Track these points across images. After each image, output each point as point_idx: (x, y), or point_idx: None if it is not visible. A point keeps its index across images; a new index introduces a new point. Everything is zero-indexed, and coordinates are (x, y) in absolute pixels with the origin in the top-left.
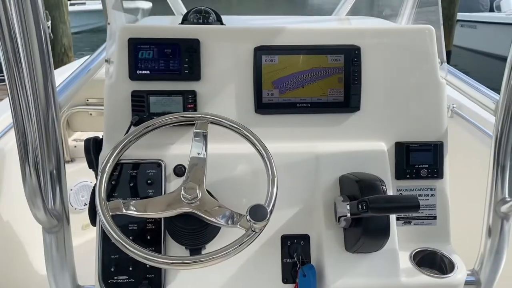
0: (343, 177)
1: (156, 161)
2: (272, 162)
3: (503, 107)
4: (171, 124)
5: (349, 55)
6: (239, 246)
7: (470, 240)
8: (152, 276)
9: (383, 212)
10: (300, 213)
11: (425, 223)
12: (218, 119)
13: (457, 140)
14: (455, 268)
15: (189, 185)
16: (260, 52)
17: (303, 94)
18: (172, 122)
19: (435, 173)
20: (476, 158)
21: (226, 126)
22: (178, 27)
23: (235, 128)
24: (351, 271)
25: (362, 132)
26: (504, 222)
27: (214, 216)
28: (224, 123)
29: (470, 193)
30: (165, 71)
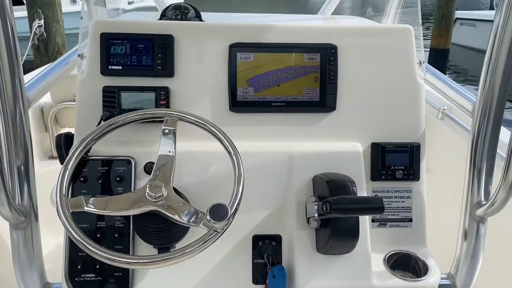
0: (316, 177)
1: (127, 158)
2: (239, 160)
3: (480, 109)
4: (134, 122)
5: (326, 54)
6: (199, 246)
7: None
8: (120, 275)
9: (347, 213)
10: (272, 213)
11: (400, 226)
12: (184, 115)
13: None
14: (429, 271)
15: (155, 183)
16: (235, 49)
17: (278, 92)
18: (135, 119)
19: (411, 175)
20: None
21: (192, 123)
22: (151, 23)
23: (201, 124)
24: (322, 273)
25: (337, 132)
26: (480, 225)
27: (178, 214)
28: (190, 119)
29: (460, 196)
30: (137, 67)
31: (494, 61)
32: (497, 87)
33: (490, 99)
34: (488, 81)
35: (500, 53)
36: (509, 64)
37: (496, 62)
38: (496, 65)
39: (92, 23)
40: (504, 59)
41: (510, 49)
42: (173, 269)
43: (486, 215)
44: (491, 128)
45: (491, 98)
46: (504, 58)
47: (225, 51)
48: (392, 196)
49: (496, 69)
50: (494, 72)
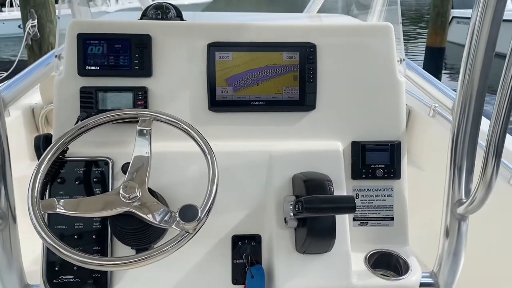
0: (295, 176)
1: (104, 159)
2: (214, 160)
3: (459, 107)
4: (105, 123)
5: (304, 52)
6: (170, 248)
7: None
8: (98, 276)
9: (318, 213)
10: (252, 213)
11: (382, 224)
12: (157, 115)
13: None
14: (410, 270)
15: (129, 184)
16: (213, 49)
17: (257, 91)
18: (105, 121)
19: (392, 173)
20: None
21: (165, 122)
22: (128, 22)
23: (175, 123)
24: (301, 272)
25: (317, 131)
26: (461, 223)
27: (152, 215)
28: (163, 119)
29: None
30: (114, 67)
31: (472, 58)
32: (476, 85)
33: (469, 97)
34: (466, 79)
35: (478, 50)
36: (487, 62)
37: (474, 60)
38: (474, 63)
39: (69, 24)
40: (482, 57)
41: (488, 47)
42: (152, 270)
43: (467, 213)
44: (470, 125)
45: (470, 96)
46: (481, 56)
47: (203, 50)
48: (373, 194)
49: (474, 67)
50: (473, 70)
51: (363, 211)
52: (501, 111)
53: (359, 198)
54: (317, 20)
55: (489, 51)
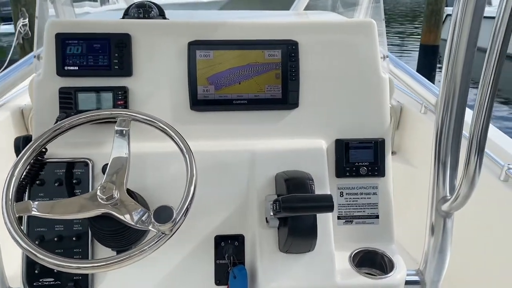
0: (277, 175)
1: (84, 160)
2: (192, 159)
3: (442, 103)
4: (80, 125)
5: (286, 50)
6: (145, 250)
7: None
8: (79, 278)
9: (296, 212)
10: (235, 213)
11: (367, 222)
12: (134, 114)
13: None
14: (395, 268)
15: (107, 185)
16: (194, 47)
17: (239, 90)
18: (80, 123)
19: (376, 171)
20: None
21: (141, 121)
22: (107, 22)
23: (151, 122)
24: (284, 272)
25: (301, 129)
26: (447, 220)
27: (130, 216)
28: (139, 118)
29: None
30: (94, 67)
31: (454, 54)
32: (459, 80)
33: (452, 93)
34: (449, 74)
35: (460, 46)
36: (469, 57)
37: (456, 56)
38: (456, 59)
39: (47, 24)
40: (464, 52)
41: (469, 42)
42: (135, 271)
43: (452, 210)
44: (454, 121)
45: (453, 92)
46: (463, 52)
47: (184, 49)
48: (357, 192)
49: (457, 62)
50: (455, 66)
51: (347, 209)
52: (482, 106)
53: (343, 197)
54: (302, 17)
55: (471, 47)
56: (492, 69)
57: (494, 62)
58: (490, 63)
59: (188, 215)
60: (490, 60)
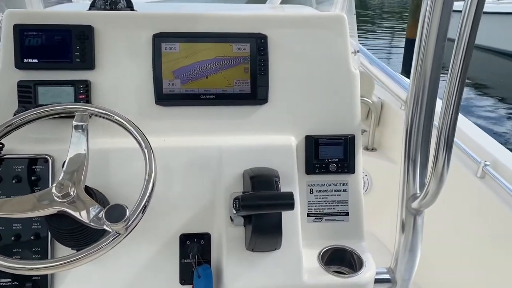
0: (245, 172)
1: (44, 156)
2: (151, 155)
3: (412, 99)
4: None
5: (255, 43)
6: (100, 249)
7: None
8: (38, 278)
9: (255, 210)
10: (201, 211)
11: (337, 220)
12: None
13: None
14: (364, 266)
15: (64, 183)
16: (159, 39)
17: (207, 85)
18: (30, 119)
19: (346, 168)
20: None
21: (96, 115)
22: (68, 13)
23: (108, 116)
24: (250, 271)
25: (270, 125)
26: (417, 218)
27: (86, 215)
28: (95, 112)
29: None
30: (54, 60)
31: (424, 49)
32: (428, 76)
33: (421, 88)
34: (419, 70)
35: (429, 41)
36: (439, 52)
37: (425, 51)
38: (426, 54)
39: (5, 14)
40: (433, 47)
41: (439, 37)
42: (97, 270)
43: (421, 207)
44: (424, 118)
45: (422, 87)
46: (433, 46)
47: (149, 41)
48: (327, 189)
49: (426, 57)
50: (424, 61)
51: (317, 206)
52: (450, 102)
53: (313, 193)
54: (275, 11)
55: (440, 42)
56: (459, 67)
57: (462, 56)
58: (457, 57)
59: (153, 213)
60: (457, 55)
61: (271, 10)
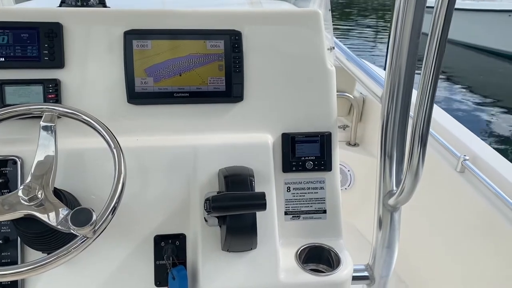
0: (220, 171)
1: (12, 158)
2: (120, 155)
3: (387, 95)
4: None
5: (229, 40)
6: (65, 254)
7: None
8: (8, 283)
9: (227, 211)
10: (176, 211)
11: (314, 217)
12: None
13: None
14: (341, 264)
15: (31, 185)
16: (130, 37)
17: (180, 82)
18: None
19: (323, 165)
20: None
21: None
22: (35, 10)
23: (74, 115)
24: (226, 272)
25: (246, 123)
26: (394, 214)
27: (55, 218)
28: (61, 111)
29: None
30: (22, 58)
31: (398, 45)
32: (403, 72)
33: (396, 84)
34: (393, 66)
35: (403, 37)
36: (413, 48)
37: (400, 47)
38: (400, 50)
39: None
40: (408, 43)
41: (413, 33)
42: (69, 273)
43: (398, 204)
44: (399, 114)
45: (397, 83)
46: (407, 42)
47: (120, 39)
48: (304, 187)
49: (401, 53)
50: (399, 57)
51: (295, 204)
52: (424, 98)
53: (290, 192)
54: (255, 6)
55: (414, 38)
56: (433, 59)
57: (435, 52)
58: (430, 53)
59: (126, 214)
60: (430, 50)
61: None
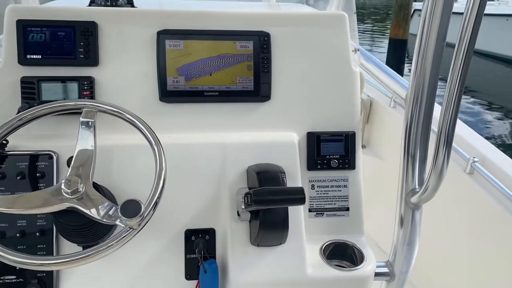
0: (249, 168)
1: (48, 153)
2: (161, 152)
3: (412, 96)
4: (44, 116)
5: (258, 41)
6: (112, 245)
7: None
8: (43, 275)
9: (267, 205)
10: (206, 207)
11: (338, 215)
12: (99, 105)
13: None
14: (364, 260)
15: (72, 179)
16: (163, 36)
17: (210, 82)
18: (43, 113)
19: (347, 164)
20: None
21: (107, 112)
22: (72, 9)
23: (118, 113)
24: (255, 266)
25: (273, 122)
26: (415, 212)
27: (96, 211)
28: (105, 109)
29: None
30: (58, 56)
31: (424, 48)
32: (428, 74)
33: (421, 86)
34: (419, 68)
35: (429, 40)
36: (438, 51)
37: (426, 50)
38: (426, 53)
39: (7, 10)
40: (433, 47)
41: (439, 36)
42: (101, 266)
43: (420, 202)
44: (423, 115)
45: (422, 85)
46: (433, 46)
47: (153, 38)
48: (328, 185)
49: (426, 56)
50: (424, 60)
51: (318, 202)
52: (451, 99)
53: (314, 189)
54: (274, 9)
55: (440, 41)
56: (460, 64)
57: (462, 56)
58: (458, 58)
59: (158, 209)
60: (459, 55)
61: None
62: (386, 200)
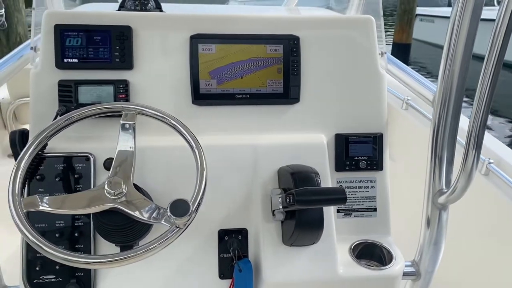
0: (281, 169)
1: (85, 155)
2: (202, 154)
3: (440, 99)
4: (91, 116)
5: (288, 45)
6: (161, 244)
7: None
8: (81, 275)
9: (310, 205)
10: (238, 207)
11: (365, 215)
12: (143, 109)
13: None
14: (393, 259)
15: (114, 180)
16: (196, 41)
17: (241, 85)
18: (91, 114)
19: (375, 165)
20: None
21: (151, 116)
22: (108, 13)
23: (161, 118)
24: (288, 265)
25: (302, 124)
26: (442, 212)
27: (139, 211)
28: (149, 113)
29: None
30: (94, 60)
31: (452, 52)
32: (456, 77)
33: (449, 89)
34: (447, 71)
35: (458, 45)
36: (466, 57)
37: (454, 53)
38: (454, 56)
39: (44, 14)
40: (462, 52)
41: (467, 42)
42: (137, 267)
43: (447, 202)
44: (451, 117)
45: (450, 88)
46: (461, 51)
47: (186, 42)
48: (356, 186)
49: (455, 59)
50: (453, 63)
51: (347, 203)
52: (481, 102)
53: None
54: (297, 12)
55: (468, 46)
56: (491, 67)
57: (494, 59)
58: (490, 61)
59: None
60: (490, 58)
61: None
62: (396, 201)
